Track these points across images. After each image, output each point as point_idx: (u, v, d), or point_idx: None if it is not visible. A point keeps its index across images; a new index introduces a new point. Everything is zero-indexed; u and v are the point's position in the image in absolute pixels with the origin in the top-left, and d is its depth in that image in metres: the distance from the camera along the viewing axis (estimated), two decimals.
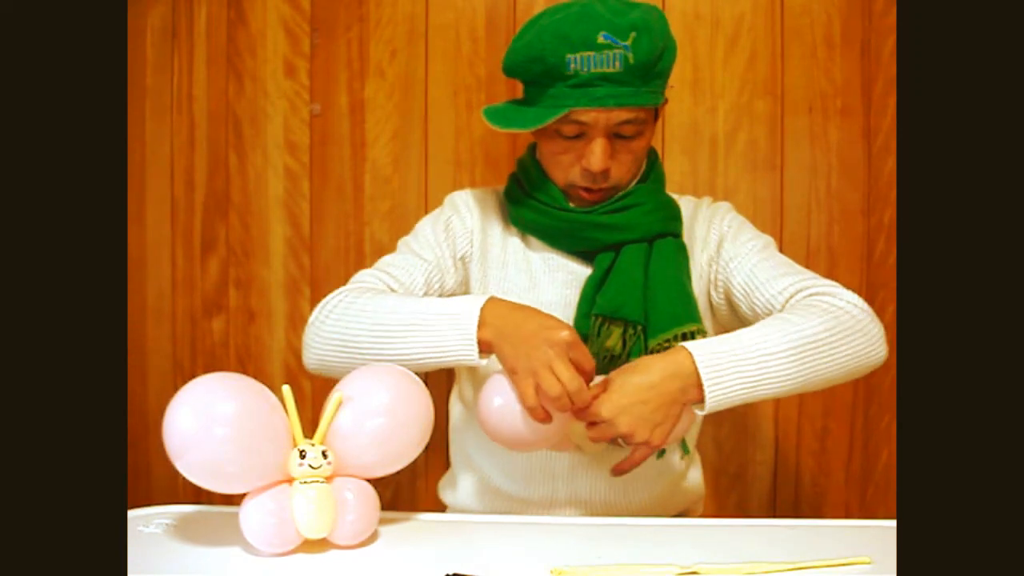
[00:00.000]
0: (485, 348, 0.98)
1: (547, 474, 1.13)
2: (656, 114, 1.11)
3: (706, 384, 0.94)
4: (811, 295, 1.05)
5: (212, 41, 1.50)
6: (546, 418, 0.95)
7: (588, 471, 1.13)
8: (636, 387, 0.95)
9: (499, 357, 0.98)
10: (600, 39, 1.01)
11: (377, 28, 1.48)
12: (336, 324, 1.03)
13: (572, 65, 1.01)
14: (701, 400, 0.95)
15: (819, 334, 0.98)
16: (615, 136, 1.06)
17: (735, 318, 1.13)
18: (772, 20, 1.44)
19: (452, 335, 0.98)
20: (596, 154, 1.05)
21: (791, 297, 1.06)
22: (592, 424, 0.96)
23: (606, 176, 1.07)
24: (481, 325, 0.97)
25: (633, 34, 1.01)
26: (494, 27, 1.46)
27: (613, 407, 0.94)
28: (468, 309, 0.98)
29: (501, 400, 0.97)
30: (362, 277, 1.12)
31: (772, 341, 0.97)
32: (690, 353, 0.95)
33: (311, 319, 1.07)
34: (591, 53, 1.01)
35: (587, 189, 1.09)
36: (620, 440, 0.97)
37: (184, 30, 1.50)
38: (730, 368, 0.95)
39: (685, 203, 1.19)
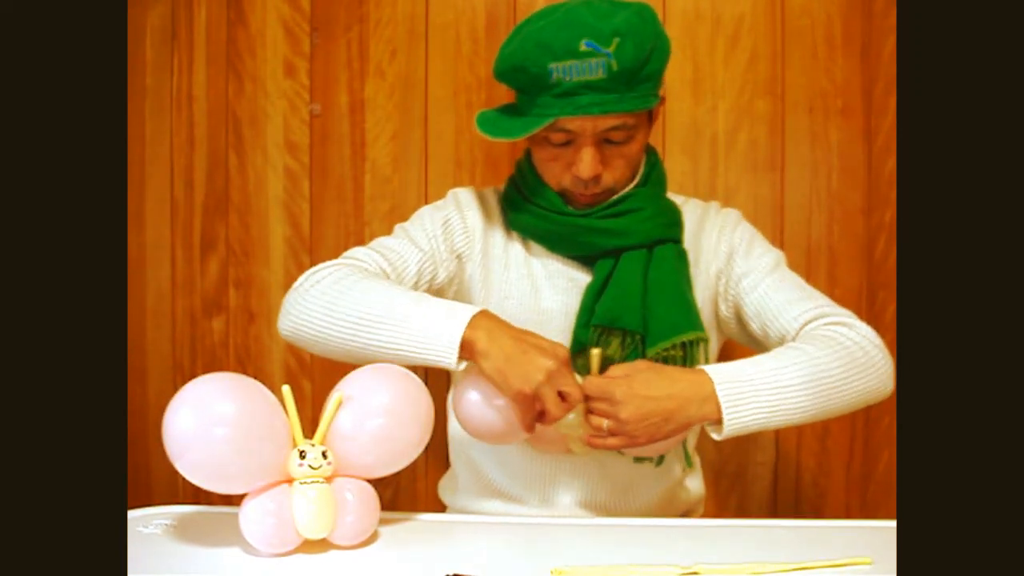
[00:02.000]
0: (466, 354, 0.97)
1: (547, 477, 1.13)
2: (651, 115, 1.11)
3: (725, 411, 0.94)
4: (827, 324, 1.05)
5: (212, 41, 1.50)
6: (532, 428, 0.99)
7: (588, 474, 1.13)
8: (657, 387, 0.95)
9: (498, 382, 0.96)
10: (582, 47, 0.99)
11: (377, 28, 1.48)
12: (322, 296, 1.01)
13: (555, 74, 1.00)
14: (714, 424, 0.96)
15: (834, 370, 0.99)
16: (605, 142, 1.05)
17: (744, 333, 1.14)
18: (772, 20, 1.44)
19: (435, 332, 0.96)
20: (585, 162, 1.04)
21: (806, 324, 1.06)
22: (592, 401, 0.96)
23: (597, 182, 1.07)
24: (470, 330, 0.96)
25: (616, 40, 0.99)
26: (494, 27, 1.46)
27: (627, 393, 0.94)
28: (460, 313, 0.97)
29: (478, 395, 0.99)
30: (355, 253, 1.10)
31: (789, 373, 0.97)
32: (711, 378, 0.95)
33: (296, 284, 1.05)
34: (573, 62, 1.00)
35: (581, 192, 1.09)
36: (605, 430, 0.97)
37: (184, 30, 1.50)
38: (748, 396, 0.95)
39: (692, 207, 1.19)
